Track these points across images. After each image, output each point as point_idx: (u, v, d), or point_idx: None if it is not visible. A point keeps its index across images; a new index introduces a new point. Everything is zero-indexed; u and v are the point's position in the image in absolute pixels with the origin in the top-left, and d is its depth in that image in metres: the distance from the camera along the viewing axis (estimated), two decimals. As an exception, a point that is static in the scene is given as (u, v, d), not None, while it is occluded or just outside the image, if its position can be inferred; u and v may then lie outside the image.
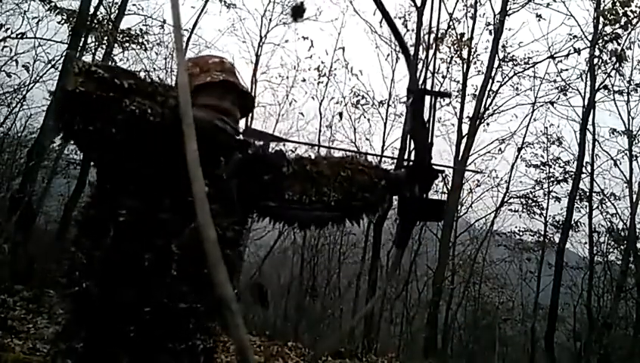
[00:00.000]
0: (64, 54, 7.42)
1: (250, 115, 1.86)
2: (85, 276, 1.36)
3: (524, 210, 11.49)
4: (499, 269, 12.10)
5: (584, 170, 10.30)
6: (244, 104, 1.63)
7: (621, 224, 10.49)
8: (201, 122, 1.32)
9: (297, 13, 1.50)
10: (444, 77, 10.62)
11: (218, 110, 1.51)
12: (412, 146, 1.58)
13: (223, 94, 1.55)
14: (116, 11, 8.64)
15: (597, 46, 9.73)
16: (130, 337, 1.35)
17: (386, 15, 1.43)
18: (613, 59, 9.72)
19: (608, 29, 9.61)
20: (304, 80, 10.89)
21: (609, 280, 10.20)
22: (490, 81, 10.07)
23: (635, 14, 9.21)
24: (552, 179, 11.35)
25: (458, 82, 10.61)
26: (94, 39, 8.51)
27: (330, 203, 1.60)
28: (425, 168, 1.51)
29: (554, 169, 11.31)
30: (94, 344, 1.36)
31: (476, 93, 10.17)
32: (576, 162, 10.44)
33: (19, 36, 7.46)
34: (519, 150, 11.28)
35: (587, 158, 10.29)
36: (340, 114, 10.33)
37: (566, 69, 10.43)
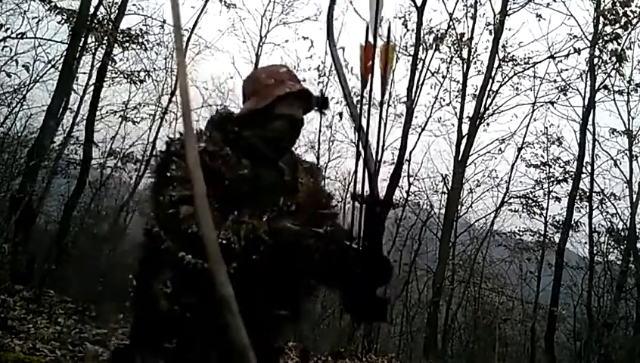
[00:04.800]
0: (64, 54, 7.42)
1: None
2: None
3: (524, 210, 11.50)
4: (499, 269, 12.10)
5: (584, 170, 10.31)
6: (307, 108, 1.72)
7: (621, 224, 10.50)
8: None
9: (322, 104, 1.51)
10: (444, 77, 10.63)
11: (293, 119, 1.61)
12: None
13: (296, 103, 1.63)
14: (116, 11, 8.64)
15: (597, 46, 9.73)
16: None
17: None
18: (613, 59, 9.71)
19: (608, 29, 9.61)
20: (304, 80, 10.85)
21: (609, 280, 10.18)
22: (490, 81, 10.07)
23: (635, 14, 9.20)
24: (552, 179, 11.35)
25: (458, 82, 10.62)
26: (94, 39, 8.51)
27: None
28: (380, 259, 1.44)
29: (554, 169, 11.32)
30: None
31: (476, 93, 10.18)
32: (576, 162, 10.43)
33: (19, 36, 7.45)
34: (519, 150, 11.28)
35: (587, 158, 10.30)
36: (340, 114, 10.29)
37: (567, 69, 10.43)
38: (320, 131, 10.51)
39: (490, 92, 10.25)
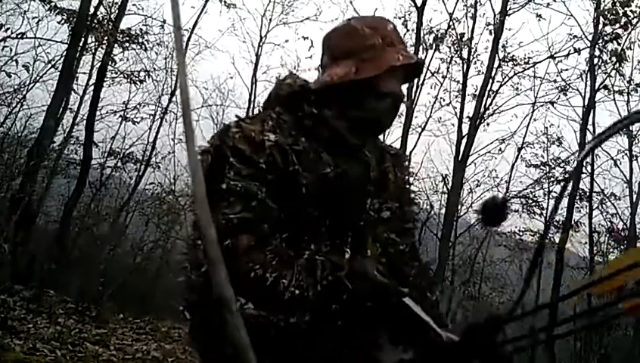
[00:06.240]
0: (64, 54, 7.42)
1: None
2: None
3: (524, 210, 11.50)
4: (499, 269, 12.09)
5: (584, 170, 10.31)
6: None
7: (621, 225, 10.50)
8: None
9: (493, 219, 1.03)
10: (444, 77, 10.63)
11: (397, 98, 1.22)
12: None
13: (403, 76, 1.25)
14: (116, 11, 8.63)
15: (597, 46, 9.72)
16: None
17: None
18: (613, 59, 9.70)
19: (608, 29, 9.60)
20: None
21: (609, 280, 10.17)
22: (490, 81, 10.06)
23: (635, 14, 9.20)
24: (552, 179, 11.35)
25: (458, 82, 10.62)
26: (94, 39, 8.51)
27: None
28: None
29: (555, 169, 11.32)
30: None
31: (476, 93, 10.17)
32: (576, 162, 10.43)
33: (19, 36, 7.45)
34: (519, 150, 11.28)
35: (587, 158, 10.29)
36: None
37: (567, 69, 10.41)
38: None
39: (490, 92, 10.25)
